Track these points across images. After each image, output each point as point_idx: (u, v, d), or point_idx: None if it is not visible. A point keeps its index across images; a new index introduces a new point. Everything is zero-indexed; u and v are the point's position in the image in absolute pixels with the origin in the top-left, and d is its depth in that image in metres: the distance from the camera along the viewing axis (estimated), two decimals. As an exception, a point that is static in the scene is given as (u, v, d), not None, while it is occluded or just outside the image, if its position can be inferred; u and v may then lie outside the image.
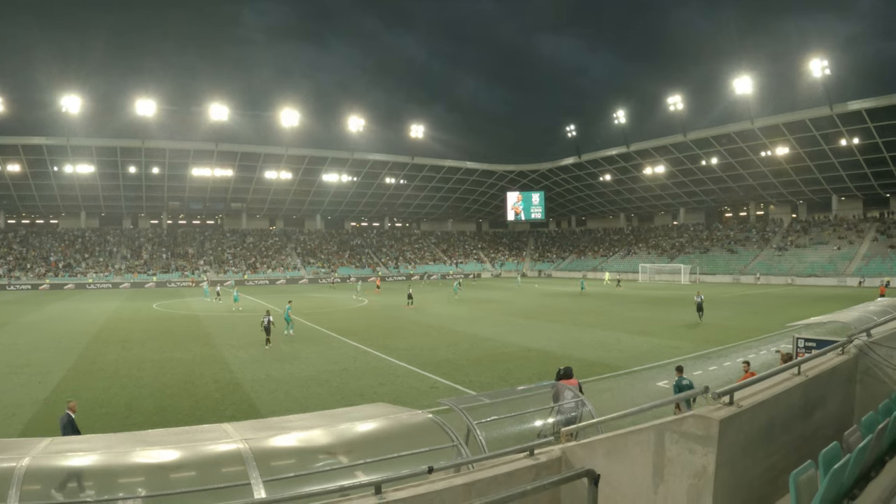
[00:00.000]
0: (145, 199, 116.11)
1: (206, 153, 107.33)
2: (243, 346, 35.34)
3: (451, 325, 43.15)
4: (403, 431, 8.87)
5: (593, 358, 28.98)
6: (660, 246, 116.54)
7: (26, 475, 6.25)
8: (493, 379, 25.18)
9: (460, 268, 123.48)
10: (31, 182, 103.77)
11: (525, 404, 11.48)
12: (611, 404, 16.36)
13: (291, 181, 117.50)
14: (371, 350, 32.99)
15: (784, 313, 44.11)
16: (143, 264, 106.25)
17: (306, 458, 7.81)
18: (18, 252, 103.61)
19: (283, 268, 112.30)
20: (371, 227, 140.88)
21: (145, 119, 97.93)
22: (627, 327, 40.23)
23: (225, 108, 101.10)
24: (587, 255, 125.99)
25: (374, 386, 24.52)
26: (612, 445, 6.46)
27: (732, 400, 5.83)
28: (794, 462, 5.49)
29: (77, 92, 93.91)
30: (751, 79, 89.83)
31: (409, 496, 5.65)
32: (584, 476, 4.93)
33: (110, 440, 9.54)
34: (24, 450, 7.22)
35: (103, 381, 25.79)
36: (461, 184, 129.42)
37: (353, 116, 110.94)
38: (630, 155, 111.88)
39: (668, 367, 25.59)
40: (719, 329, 38.39)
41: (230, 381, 25.83)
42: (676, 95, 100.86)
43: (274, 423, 10.86)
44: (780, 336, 30.89)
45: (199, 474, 7.48)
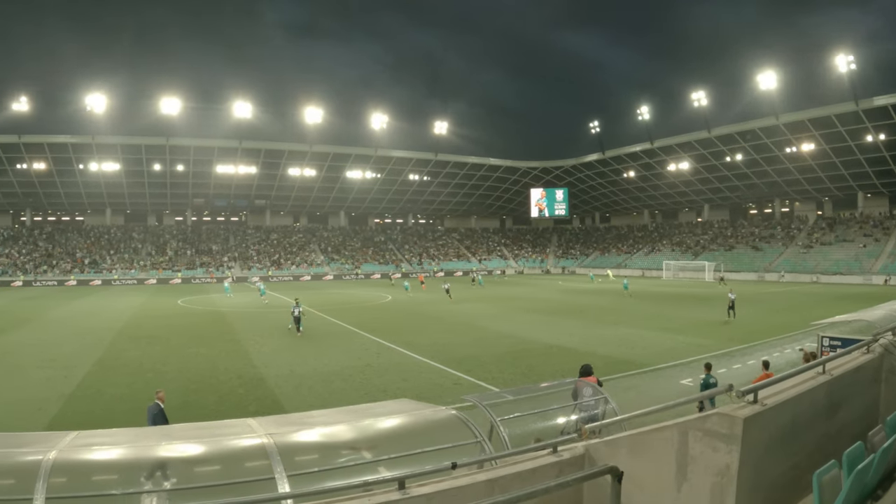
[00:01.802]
0: (170, 197, 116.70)
1: (230, 150, 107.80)
2: (267, 341, 35.53)
3: (474, 322, 43.15)
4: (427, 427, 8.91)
5: (617, 355, 28.90)
6: (684, 243, 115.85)
7: (53, 468, 6.31)
8: (515, 375, 25.19)
9: (484, 264, 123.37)
10: (56, 180, 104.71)
11: (548, 401, 11.50)
12: (634, 402, 16.32)
13: (315, 178, 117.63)
14: (394, 346, 33.06)
15: (809, 311, 43.75)
16: (168, 261, 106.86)
17: (330, 454, 7.86)
18: (44, 249, 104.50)
19: (307, 264, 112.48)
20: (395, 223, 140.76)
21: (170, 117, 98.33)
22: (651, 324, 40.11)
23: (248, 106, 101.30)
24: (611, 251, 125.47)
25: (398, 382, 24.58)
26: (636, 443, 6.46)
27: (757, 398, 5.80)
28: (817, 462, 5.46)
29: (102, 90, 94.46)
30: (775, 74, 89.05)
31: (432, 492, 5.66)
32: (608, 473, 4.93)
33: (136, 434, 9.63)
34: (50, 443, 7.31)
35: (128, 377, 25.99)
36: (485, 180, 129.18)
37: (375, 113, 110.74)
38: (654, 151, 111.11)
39: (691, 365, 25.55)
40: (744, 327, 38.13)
41: (254, 376, 25.97)
42: (700, 91, 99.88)
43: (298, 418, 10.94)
44: (805, 334, 30.68)
45: (223, 468, 7.55)
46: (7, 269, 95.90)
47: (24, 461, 7.08)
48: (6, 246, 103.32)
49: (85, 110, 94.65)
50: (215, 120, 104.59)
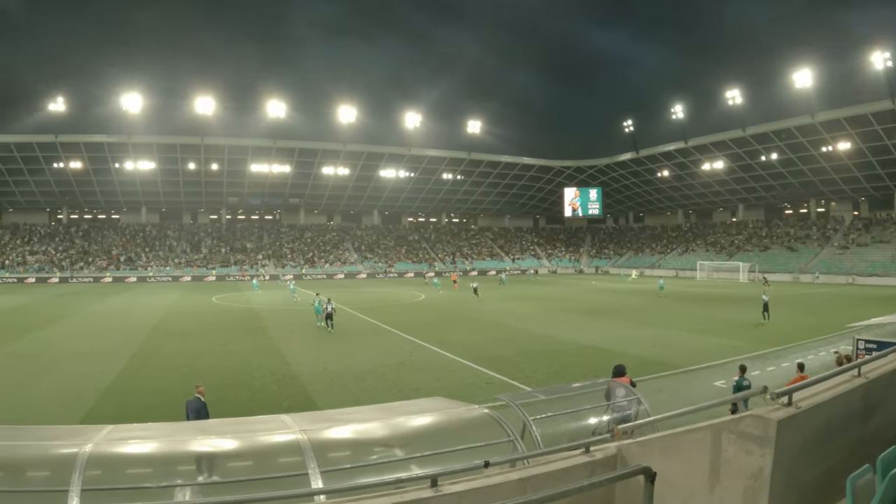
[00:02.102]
0: (205, 195, 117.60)
1: (264, 150, 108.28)
2: (300, 338, 35.77)
3: (506, 321, 43.09)
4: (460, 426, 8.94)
5: (649, 356, 28.74)
6: (718, 243, 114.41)
7: (89, 461, 6.40)
8: (547, 375, 25.14)
9: (517, 263, 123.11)
10: (93, 178, 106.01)
11: (580, 401, 11.49)
12: (666, 403, 16.19)
13: (349, 177, 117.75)
14: (427, 344, 33.13)
15: (844, 313, 43.27)
16: (203, 258, 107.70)
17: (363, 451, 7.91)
18: (81, 246, 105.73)
19: (340, 262, 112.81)
20: (428, 222, 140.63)
21: (204, 116, 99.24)
22: (684, 325, 39.86)
23: (282, 105, 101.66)
24: (644, 251, 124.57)
25: (430, 380, 24.63)
26: (669, 444, 6.43)
27: (791, 401, 5.76)
28: (851, 466, 5.41)
29: (137, 90, 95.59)
30: (810, 72, 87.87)
31: (464, 490, 5.67)
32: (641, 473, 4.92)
33: (171, 429, 9.75)
34: (86, 436, 7.41)
35: (163, 372, 26.34)
36: (518, 179, 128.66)
37: (408, 112, 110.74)
38: (688, 150, 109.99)
39: (725, 367, 25.33)
40: (778, 329, 37.72)
41: (287, 373, 26.16)
42: (734, 89, 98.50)
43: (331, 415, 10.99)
44: (840, 337, 30.30)
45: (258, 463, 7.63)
46: (44, 266, 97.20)
47: (61, 454, 7.20)
48: (43, 243, 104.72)
49: (121, 110, 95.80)
50: (249, 119, 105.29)
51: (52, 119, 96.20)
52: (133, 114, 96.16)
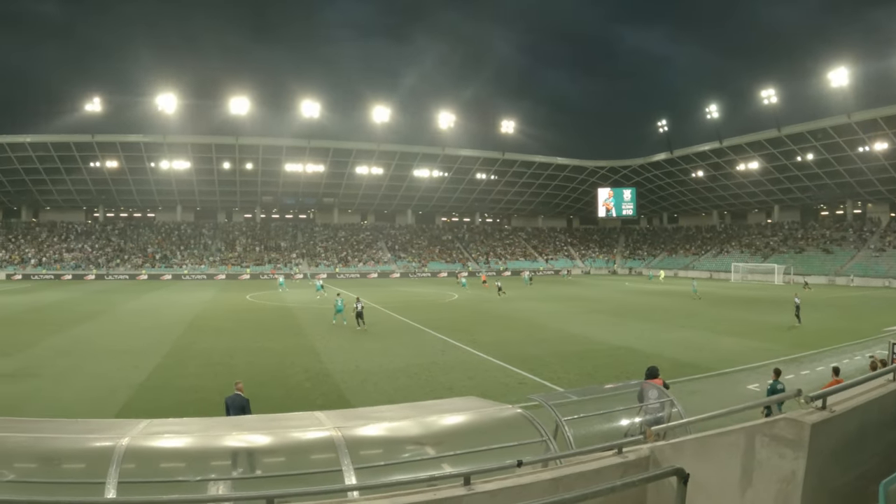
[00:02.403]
0: (239, 194, 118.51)
1: (298, 149, 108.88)
2: (333, 336, 35.94)
3: (539, 321, 43.07)
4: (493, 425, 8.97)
5: (683, 358, 28.59)
6: (753, 244, 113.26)
7: (126, 454, 6.51)
8: (580, 376, 25.10)
9: (550, 263, 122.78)
10: (129, 177, 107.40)
11: (612, 402, 11.48)
12: (699, 406, 16.13)
13: (383, 176, 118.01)
14: (459, 344, 33.16)
15: (880, 317, 42.76)
16: (237, 257, 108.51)
17: (396, 448, 7.96)
18: (117, 244, 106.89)
19: (374, 262, 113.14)
20: (462, 222, 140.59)
21: (239, 116, 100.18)
22: (718, 328, 39.54)
23: (316, 105, 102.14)
24: (678, 252, 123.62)
25: (463, 380, 24.67)
26: (701, 446, 6.40)
27: (825, 404, 5.73)
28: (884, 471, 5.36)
29: (172, 91, 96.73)
30: (846, 70, 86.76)
31: (497, 488, 5.69)
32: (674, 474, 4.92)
33: (206, 424, 9.86)
34: (123, 430, 7.53)
35: (197, 368, 26.61)
36: (552, 179, 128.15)
37: (443, 112, 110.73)
38: (723, 150, 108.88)
39: (758, 371, 25.10)
40: (813, 332, 37.35)
41: (320, 371, 26.33)
42: (770, 89, 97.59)
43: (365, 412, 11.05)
44: (876, 341, 30.05)
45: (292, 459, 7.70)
46: (80, 263, 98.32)
47: (98, 447, 7.34)
48: (80, 241, 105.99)
49: (156, 110, 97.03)
50: (284, 119, 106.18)
51: (89, 119, 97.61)
52: (168, 114, 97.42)
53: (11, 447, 7.56)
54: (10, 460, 7.23)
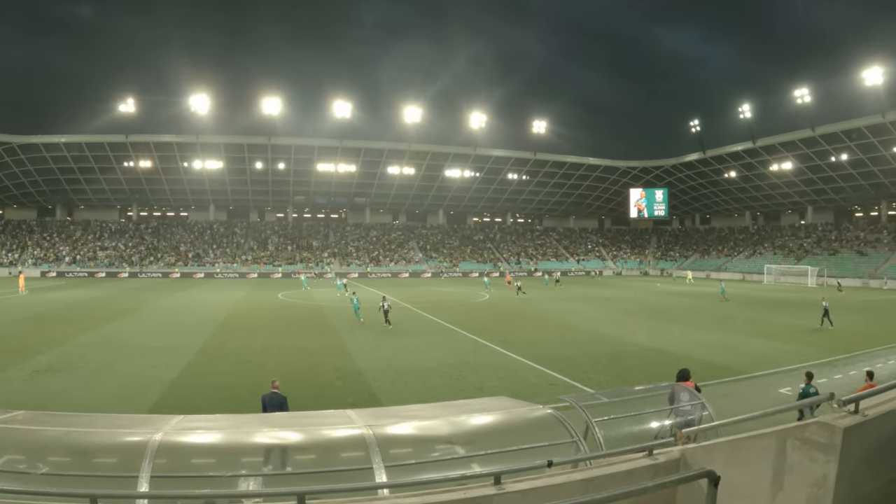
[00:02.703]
0: (271, 194, 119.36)
1: (330, 149, 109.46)
2: (364, 336, 36.06)
3: (570, 322, 42.96)
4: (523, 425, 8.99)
5: (714, 361, 28.40)
6: (786, 246, 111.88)
7: (159, 449, 6.61)
8: (611, 377, 25.00)
9: (582, 264, 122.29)
10: (162, 177, 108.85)
11: (643, 404, 11.44)
12: (731, 409, 16.02)
13: (414, 176, 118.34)
14: (490, 344, 33.13)
15: (916, 320, 42.40)
16: (269, 256, 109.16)
17: (426, 447, 8.00)
18: (150, 242, 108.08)
19: (405, 261, 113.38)
20: (493, 222, 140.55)
21: (271, 117, 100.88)
22: (750, 330, 39.14)
23: (348, 105, 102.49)
24: (711, 254, 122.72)
25: (493, 380, 24.67)
26: (732, 449, 6.36)
27: (858, 408, 5.68)
28: (917, 478, 5.35)
29: (205, 91, 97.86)
30: (881, 69, 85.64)
31: (527, 488, 5.69)
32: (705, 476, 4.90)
33: (238, 420, 9.95)
34: (156, 425, 7.64)
35: (229, 366, 26.80)
36: (584, 180, 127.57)
37: (474, 112, 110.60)
38: (756, 151, 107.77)
39: (790, 374, 24.82)
40: (846, 336, 36.83)
41: (351, 369, 26.43)
42: (803, 88, 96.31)
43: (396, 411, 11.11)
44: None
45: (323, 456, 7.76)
46: (114, 261, 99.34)
47: (132, 441, 7.48)
48: (113, 239, 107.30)
49: (189, 110, 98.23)
50: (316, 119, 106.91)
51: (123, 119, 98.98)
52: (201, 114, 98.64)
53: (46, 440, 7.71)
54: (45, 453, 7.37)
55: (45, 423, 8.85)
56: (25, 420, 8.44)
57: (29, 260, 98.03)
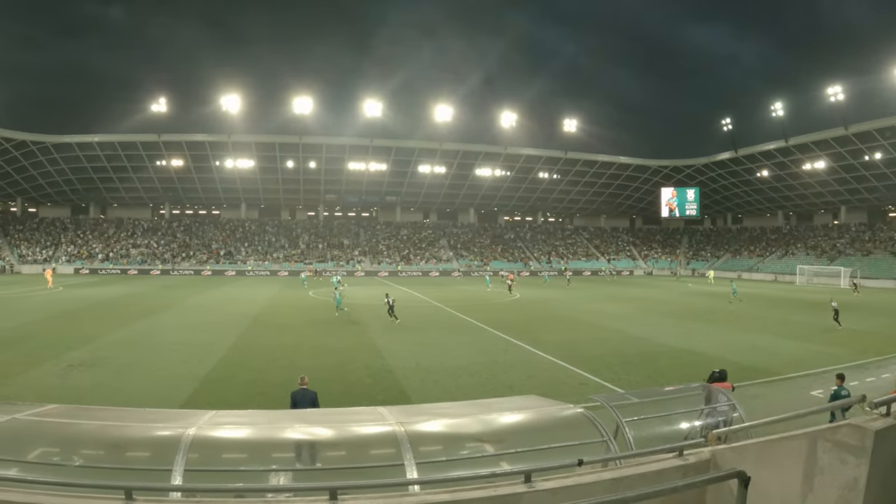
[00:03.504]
0: (303, 192, 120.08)
1: (361, 148, 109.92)
2: (394, 334, 36.21)
3: (601, 322, 42.83)
4: (553, 424, 9.00)
5: (746, 362, 28.18)
6: (819, 247, 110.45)
7: (192, 443, 6.70)
8: (641, 378, 24.90)
9: (612, 264, 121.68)
10: (194, 176, 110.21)
11: (673, 405, 11.41)
12: (762, 410, 15.92)
13: (445, 175, 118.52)
14: (521, 343, 33.11)
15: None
16: (301, 254, 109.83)
17: (457, 445, 8.04)
18: (182, 240, 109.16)
19: (436, 260, 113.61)
20: (524, 221, 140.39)
21: (302, 116, 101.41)
22: (782, 331, 38.83)
23: (379, 105, 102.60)
24: (742, 254, 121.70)
25: (523, 379, 24.67)
26: (762, 451, 6.36)
27: (889, 411, 5.65)
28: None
29: (237, 91, 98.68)
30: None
31: (557, 487, 5.73)
32: (735, 477, 4.91)
33: (270, 416, 10.07)
34: (190, 420, 7.73)
35: (260, 363, 27.01)
36: (615, 179, 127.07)
37: (505, 111, 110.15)
38: (788, 149, 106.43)
39: (822, 376, 24.57)
40: (880, 338, 36.46)
41: (381, 367, 26.54)
42: (836, 86, 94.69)
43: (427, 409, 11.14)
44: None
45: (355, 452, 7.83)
46: (146, 259, 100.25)
47: (166, 435, 7.60)
48: (146, 237, 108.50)
49: (220, 110, 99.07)
50: (346, 118, 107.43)
51: (155, 119, 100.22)
52: (233, 114, 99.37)
53: (81, 434, 7.84)
54: (80, 446, 7.52)
55: (79, 416, 8.94)
56: (60, 414, 8.54)
57: (63, 257, 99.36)
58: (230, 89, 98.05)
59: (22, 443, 7.32)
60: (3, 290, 60.15)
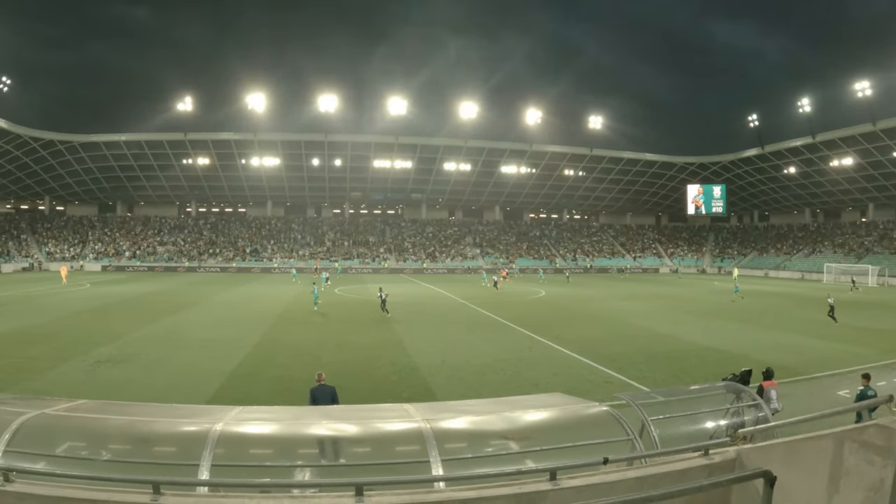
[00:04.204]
0: (328, 190, 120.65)
1: (386, 146, 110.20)
2: (421, 330, 36.42)
3: (627, 319, 42.69)
4: (578, 422, 8.98)
5: (772, 361, 27.75)
6: (847, 244, 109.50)
7: (219, 438, 6.77)
8: (667, 377, 24.83)
9: (638, 261, 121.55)
10: (220, 174, 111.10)
11: (698, 404, 11.38)
12: (788, 410, 15.86)
13: (470, 172, 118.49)
14: (545, 340, 33.08)
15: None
16: (326, 251, 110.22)
17: (482, 442, 8.04)
18: (208, 237, 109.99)
19: (461, 257, 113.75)
20: (549, 218, 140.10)
21: (327, 114, 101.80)
22: (808, 330, 38.45)
23: (404, 102, 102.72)
24: (769, 252, 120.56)
25: (548, 376, 24.66)
26: (788, 451, 6.30)
27: (917, 411, 5.61)
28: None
29: (262, 89, 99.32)
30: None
31: (582, 485, 5.73)
32: (761, 476, 4.89)
33: (297, 412, 10.16)
34: (217, 416, 7.80)
35: (286, 359, 27.22)
36: (640, 176, 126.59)
37: (530, 108, 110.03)
38: (815, 146, 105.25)
39: (848, 376, 24.37)
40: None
41: (407, 364, 26.60)
42: (864, 81, 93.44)
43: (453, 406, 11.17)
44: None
45: (380, 449, 7.87)
46: (173, 256, 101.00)
47: (193, 430, 7.68)
48: (173, 234, 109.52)
49: (246, 109, 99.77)
50: (372, 116, 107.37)
51: (181, 118, 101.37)
52: (258, 112, 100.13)
53: (110, 429, 7.94)
54: (109, 441, 7.61)
55: (107, 411, 9.05)
56: (89, 409, 8.63)
57: (90, 255, 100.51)
58: (256, 88, 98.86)
59: (52, 437, 7.40)
60: (31, 288, 60.83)
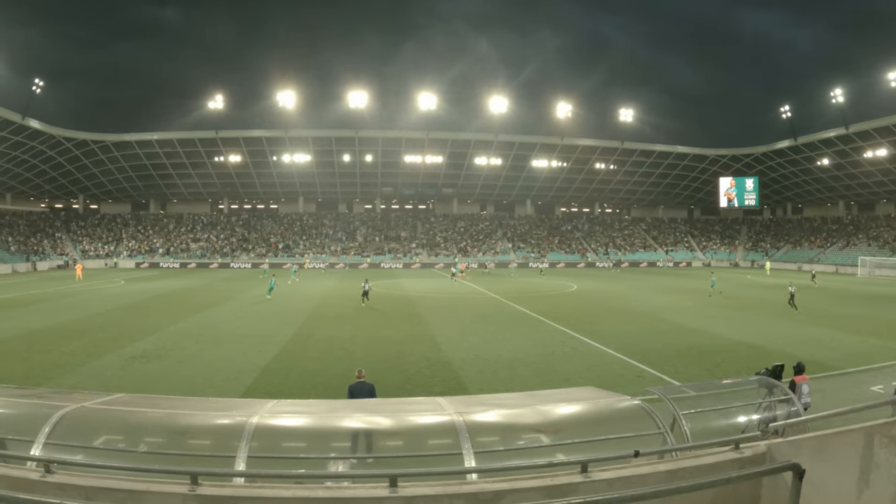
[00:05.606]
0: (359, 186, 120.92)
1: (417, 141, 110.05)
2: (453, 325, 36.50)
3: (659, 314, 42.51)
4: (609, 415, 9.04)
5: (804, 356, 27.58)
6: (881, 237, 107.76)
7: (255, 431, 6.93)
8: (699, 371, 24.80)
9: (670, 255, 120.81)
10: (252, 171, 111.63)
11: (730, 398, 11.40)
12: (819, 405, 15.82)
13: (501, 167, 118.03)
14: (578, 335, 33.08)
15: None
16: (358, 246, 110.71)
17: (514, 435, 8.12)
18: (241, 234, 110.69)
19: (493, 252, 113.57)
20: (581, 212, 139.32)
21: (358, 110, 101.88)
22: (842, 325, 37.99)
23: (434, 97, 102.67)
24: (803, 245, 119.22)
25: (581, 371, 24.68)
26: (819, 445, 6.32)
27: (948, 406, 5.61)
28: None
29: (293, 86, 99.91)
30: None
31: (613, 477, 5.79)
32: (790, 469, 4.93)
33: (331, 405, 10.28)
34: (252, 409, 7.96)
35: (319, 353, 27.48)
36: (672, 169, 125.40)
37: (560, 102, 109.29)
38: (849, 137, 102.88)
39: (883, 371, 24.22)
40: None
41: (439, 359, 26.69)
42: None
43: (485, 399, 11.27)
44: None
45: (414, 441, 7.96)
46: (206, 252, 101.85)
47: (229, 423, 7.89)
48: (205, 231, 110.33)
49: (277, 106, 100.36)
50: (402, 111, 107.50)
51: (212, 116, 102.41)
52: (289, 109, 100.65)
53: (148, 421, 8.16)
54: (147, 433, 7.82)
55: (145, 405, 9.24)
56: (126, 402, 8.81)
57: (124, 252, 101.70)
58: (286, 85, 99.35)
59: (90, 430, 7.60)
60: (67, 285, 61.55)
